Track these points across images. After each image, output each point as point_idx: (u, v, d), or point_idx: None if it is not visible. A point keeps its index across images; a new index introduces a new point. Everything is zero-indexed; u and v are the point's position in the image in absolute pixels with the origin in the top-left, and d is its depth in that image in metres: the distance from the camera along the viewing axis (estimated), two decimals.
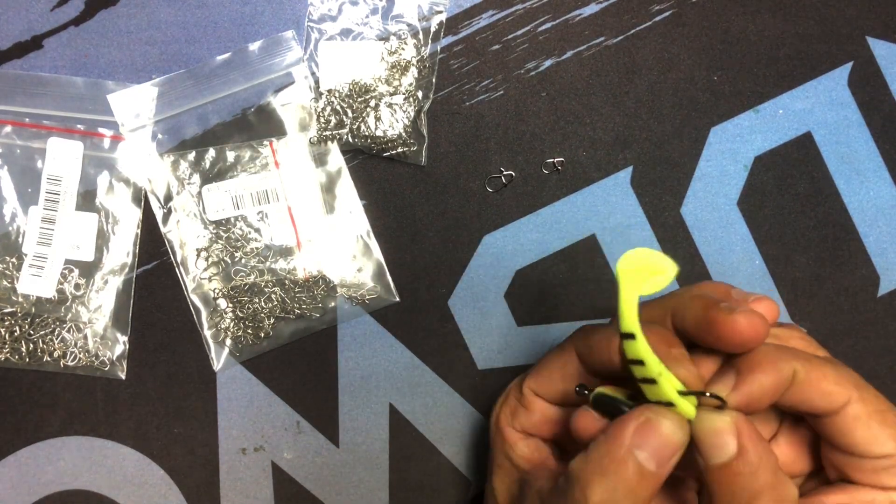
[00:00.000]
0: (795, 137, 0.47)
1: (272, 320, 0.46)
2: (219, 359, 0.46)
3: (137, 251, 0.46)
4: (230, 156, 0.46)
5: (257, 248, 0.46)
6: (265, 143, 0.46)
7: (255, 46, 0.45)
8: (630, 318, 0.28)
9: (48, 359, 0.45)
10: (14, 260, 0.45)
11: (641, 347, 0.28)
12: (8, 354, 0.45)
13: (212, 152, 0.46)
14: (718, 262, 0.47)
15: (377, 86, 0.46)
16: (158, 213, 0.45)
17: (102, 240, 0.46)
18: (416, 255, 0.46)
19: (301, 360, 0.46)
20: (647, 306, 0.34)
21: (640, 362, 0.29)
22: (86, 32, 0.46)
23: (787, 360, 0.31)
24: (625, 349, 0.29)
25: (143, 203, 0.46)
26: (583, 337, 0.34)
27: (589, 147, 0.47)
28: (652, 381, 0.29)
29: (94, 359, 0.45)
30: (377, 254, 0.46)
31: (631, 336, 0.28)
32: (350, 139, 0.45)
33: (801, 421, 0.35)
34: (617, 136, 0.47)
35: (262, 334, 0.46)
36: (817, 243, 0.47)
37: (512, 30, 0.47)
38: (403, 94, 0.46)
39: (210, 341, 0.46)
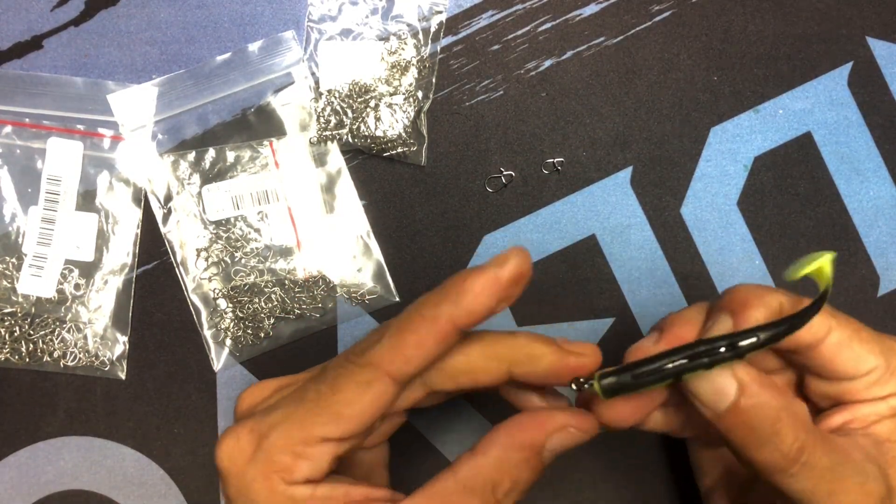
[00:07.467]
0: (795, 137, 0.47)
1: (272, 320, 0.46)
2: (219, 359, 0.46)
3: (137, 251, 0.46)
4: (230, 156, 0.46)
5: (257, 248, 0.46)
6: (265, 143, 0.46)
7: (255, 46, 0.45)
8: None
9: (48, 359, 0.45)
10: (14, 260, 0.45)
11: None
12: (8, 354, 0.45)
13: (212, 152, 0.46)
14: (718, 262, 0.47)
15: (377, 86, 0.46)
16: (158, 213, 0.45)
17: (102, 240, 0.46)
18: (416, 255, 0.46)
19: (301, 360, 0.46)
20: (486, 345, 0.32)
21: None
22: (86, 32, 0.46)
23: (773, 295, 0.32)
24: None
25: (143, 203, 0.46)
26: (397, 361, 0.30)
27: (589, 147, 0.47)
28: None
29: (93, 359, 0.45)
30: (377, 254, 0.46)
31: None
32: (350, 139, 0.45)
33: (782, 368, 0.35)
34: (617, 136, 0.47)
35: (262, 334, 0.46)
36: (817, 243, 0.47)
37: (512, 30, 0.47)
38: (403, 94, 0.46)
39: (210, 341, 0.46)
